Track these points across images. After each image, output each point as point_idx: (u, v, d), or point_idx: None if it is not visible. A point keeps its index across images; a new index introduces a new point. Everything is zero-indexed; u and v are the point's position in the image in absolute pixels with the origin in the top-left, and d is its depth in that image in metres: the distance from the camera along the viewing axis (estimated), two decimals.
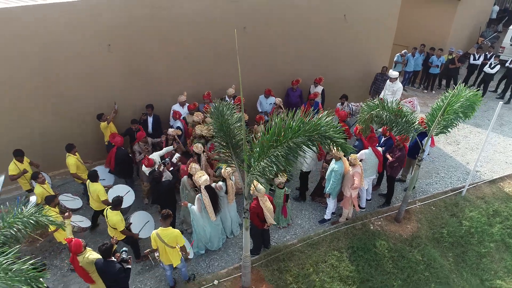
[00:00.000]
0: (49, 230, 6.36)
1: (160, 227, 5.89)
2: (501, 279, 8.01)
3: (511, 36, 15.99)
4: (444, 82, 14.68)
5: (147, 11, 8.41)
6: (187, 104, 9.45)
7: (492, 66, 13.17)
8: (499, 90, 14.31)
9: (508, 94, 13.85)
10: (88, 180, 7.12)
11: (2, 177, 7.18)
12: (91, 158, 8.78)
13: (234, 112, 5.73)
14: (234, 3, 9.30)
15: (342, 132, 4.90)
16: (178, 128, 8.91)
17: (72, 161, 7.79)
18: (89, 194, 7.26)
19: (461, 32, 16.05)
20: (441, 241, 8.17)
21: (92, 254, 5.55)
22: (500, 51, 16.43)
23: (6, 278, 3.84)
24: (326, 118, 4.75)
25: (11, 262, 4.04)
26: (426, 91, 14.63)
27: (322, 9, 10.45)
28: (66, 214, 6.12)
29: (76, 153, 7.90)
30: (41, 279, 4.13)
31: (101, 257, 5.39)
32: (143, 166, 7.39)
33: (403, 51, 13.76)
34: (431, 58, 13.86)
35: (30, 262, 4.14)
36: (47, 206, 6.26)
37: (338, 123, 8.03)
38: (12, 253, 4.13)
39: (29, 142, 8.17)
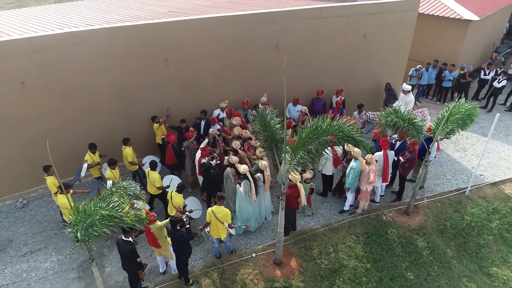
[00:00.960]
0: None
1: (215, 206, 7.47)
2: (497, 267, 9.25)
3: None
4: (456, 95, 15.90)
5: (199, 33, 10.13)
6: (226, 109, 11.10)
7: (499, 81, 14.39)
8: (508, 103, 15.46)
9: None
10: (149, 168, 8.77)
11: (85, 164, 8.93)
12: (143, 152, 10.48)
13: (275, 117, 7.31)
14: (269, 25, 10.95)
15: (361, 133, 6.40)
16: (218, 130, 10.53)
17: (129, 151, 9.51)
18: (148, 180, 8.89)
19: (474, 49, 17.26)
20: (445, 232, 9.49)
21: (160, 223, 7.16)
22: (511, 67, 17.56)
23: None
24: (349, 122, 6.27)
25: None
26: (438, 103, 15.88)
27: (345, 30, 11.99)
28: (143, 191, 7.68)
29: (131, 146, 9.58)
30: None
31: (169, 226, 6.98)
32: (201, 157, 9.04)
33: (417, 66, 15.11)
34: (443, 73, 15.16)
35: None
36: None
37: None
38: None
39: (99, 137, 9.91)
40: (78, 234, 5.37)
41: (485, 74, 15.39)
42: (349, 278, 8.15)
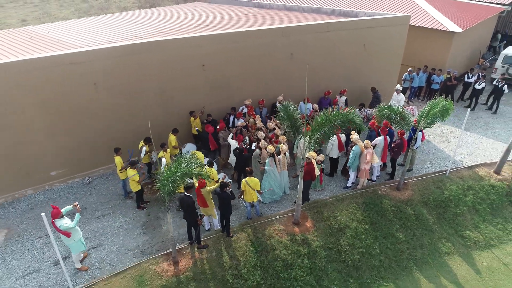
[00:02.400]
0: None
1: (247, 177, 9.84)
2: (470, 231, 11.58)
3: (502, 59, 19.51)
4: (443, 96, 18.24)
5: (228, 45, 12.55)
6: (249, 106, 13.50)
7: (479, 83, 16.78)
8: (489, 103, 17.82)
9: (495, 106, 17.35)
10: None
11: (144, 148, 11.30)
12: (182, 140, 12.83)
13: (296, 110, 9.72)
14: (285, 38, 13.38)
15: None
16: (242, 122, 12.89)
17: (173, 138, 11.92)
18: None
19: (460, 55, 19.66)
20: (428, 203, 11.83)
21: (209, 188, 9.52)
22: (493, 72, 19.96)
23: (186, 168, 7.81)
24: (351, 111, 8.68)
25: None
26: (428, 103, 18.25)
27: (348, 41, 14.43)
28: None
29: (176, 134, 11.97)
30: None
31: (218, 189, 9.35)
32: (231, 140, 11.42)
33: (409, 69, 17.51)
34: (432, 77, 17.56)
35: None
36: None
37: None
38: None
39: (147, 128, 12.28)
40: (166, 188, 7.68)
41: (468, 78, 17.79)
42: (351, 235, 10.50)
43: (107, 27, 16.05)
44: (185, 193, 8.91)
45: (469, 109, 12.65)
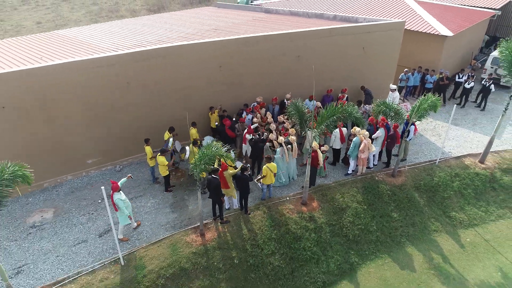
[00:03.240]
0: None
1: (267, 164, 11.42)
2: (456, 212, 13.18)
3: (491, 60, 21.09)
4: (436, 94, 19.83)
5: (243, 48, 14.16)
6: (261, 103, 15.10)
7: (468, 83, 18.38)
8: (478, 101, 19.40)
9: (483, 103, 18.94)
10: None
11: (171, 139, 12.91)
12: (202, 133, 14.40)
13: (304, 106, 11.33)
14: (292, 42, 14.99)
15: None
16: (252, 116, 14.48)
17: (194, 131, 13.47)
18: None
19: (452, 57, 21.24)
20: (419, 188, 13.43)
21: (230, 172, 11.12)
22: (483, 72, 21.55)
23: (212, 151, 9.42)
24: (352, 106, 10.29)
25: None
26: None
27: (349, 44, 16.03)
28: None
29: (196, 127, 13.56)
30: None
31: (239, 173, 10.95)
32: (247, 133, 13.02)
33: (405, 70, 19.12)
34: (426, 77, 19.14)
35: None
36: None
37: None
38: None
39: (171, 122, 13.86)
40: (198, 168, 9.28)
41: (459, 78, 19.39)
42: (352, 214, 12.11)
43: (130, 32, 17.62)
44: (212, 175, 10.51)
45: (456, 105, 14.21)
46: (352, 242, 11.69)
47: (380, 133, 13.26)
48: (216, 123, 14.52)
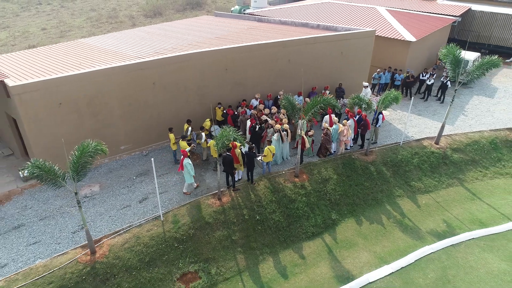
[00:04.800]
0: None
1: (268, 146, 14.77)
2: (415, 182, 16.75)
3: None
4: (404, 90, 23.53)
5: (245, 54, 17.48)
6: (258, 98, 18.44)
7: (429, 80, 22.11)
8: (438, 95, 23.13)
9: (442, 97, 22.69)
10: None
11: (190, 128, 16.12)
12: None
13: (295, 100, 14.73)
14: (284, 48, 18.38)
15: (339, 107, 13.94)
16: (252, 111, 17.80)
17: (208, 122, 16.74)
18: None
19: (418, 58, 24.95)
20: (387, 163, 16.98)
21: (240, 149, 14.41)
22: (444, 71, 25.31)
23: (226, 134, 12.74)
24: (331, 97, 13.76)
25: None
26: None
27: (330, 49, 19.52)
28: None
29: (210, 121, 16.83)
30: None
31: (247, 150, 14.28)
32: (249, 122, 16.34)
33: (377, 70, 22.74)
34: (395, 75, 22.79)
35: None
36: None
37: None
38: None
39: (187, 115, 17.07)
40: (219, 144, 12.54)
41: (423, 76, 23.11)
42: (333, 183, 15.56)
43: (146, 40, 20.70)
44: (227, 153, 13.81)
45: (413, 97, 17.81)
46: (334, 204, 15.14)
47: (350, 122, 16.75)
48: (222, 115, 17.79)
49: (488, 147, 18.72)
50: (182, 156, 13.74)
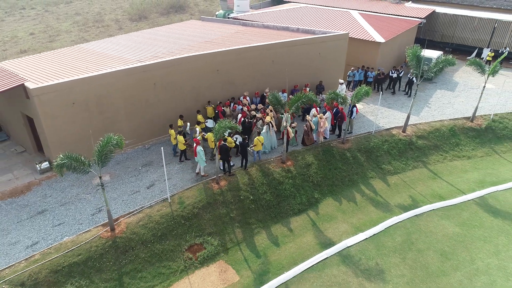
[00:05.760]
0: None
1: (257, 137, 17.00)
2: (385, 165, 19.31)
3: None
4: (375, 86, 26.17)
5: (233, 56, 19.66)
6: (245, 96, 20.64)
7: (397, 75, 24.83)
8: (406, 90, 25.89)
9: (410, 91, 25.45)
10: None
11: (189, 123, 18.16)
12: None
13: (280, 96, 17.01)
14: (268, 51, 20.64)
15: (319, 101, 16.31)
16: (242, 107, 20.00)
17: (200, 116, 18.82)
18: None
19: (388, 57, 27.67)
20: (361, 150, 19.48)
21: (233, 139, 16.58)
22: (410, 71, 28.12)
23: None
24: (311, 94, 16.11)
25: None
26: None
27: (309, 51, 21.90)
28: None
29: (201, 113, 18.92)
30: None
31: (241, 140, 16.47)
32: (240, 116, 18.53)
33: (352, 68, 25.31)
34: (367, 73, 25.40)
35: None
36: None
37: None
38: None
39: (182, 111, 19.07)
40: (218, 135, 14.67)
41: (392, 73, 25.83)
42: (315, 168, 17.92)
43: (142, 45, 22.55)
44: (223, 143, 15.96)
45: (381, 92, 20.35)
46: (316, 185, 17.51)
47: (327, 114, 19.19)
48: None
49: (448, 134, 21.51)
50: (195, 144, 16.00)
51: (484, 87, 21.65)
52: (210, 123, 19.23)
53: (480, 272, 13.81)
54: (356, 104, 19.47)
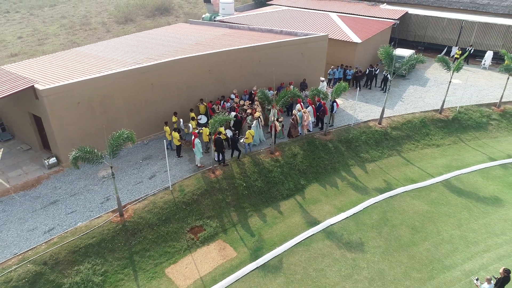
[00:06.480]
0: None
1: (248, 130, 18.78)
2: (363, 153, 21.39)
3: None
4: (353, 83, 28.30)
5: (224, 58, 21.38)
6: (236, 94, 22.39)
7: (373, 73, 27.04)
8: (382, 86, 28.12)
9: (385, 87, 27.68)
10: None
11: (182, 120, 19.77)
12: (196, 114, 21.42)
13: (269, 92, 18.85)
14: (256, 52, 22.45)
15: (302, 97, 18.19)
16: (230, 104, 21.74)
17: (192, 114, 20.51)
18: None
19: (365, 56, 29.84)
20: (341, 141, 21.50)
21: (226, 133, 18.33)
22: (384, 68, 30.41)
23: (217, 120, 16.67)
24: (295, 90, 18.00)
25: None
26: None
27: (293, 51, 23.82)
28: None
29: (193, 111, 20.57)
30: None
31: (231, 135, 18.23)
32: (232, 112, 20.28)
33: (332, 67, 27.38)
34: (346, 71, 27.52)
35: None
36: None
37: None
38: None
39: (176, 108, 20.68)
40: (213, 128, 16.37)
41: (368, 70, 28.02)
42: (300, 157, 19.83)
43: (137, 48, 23.98)
44: (218, 136, 17.67)
45: (359, 89, 22.44)
46: (302, 172, 19.42)
47: (310, 109, 21.17)
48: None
49: (419, 125, 23.78)
50: (193, 137, 17.64)
51: (450, 82, 24.02)
52: (203, 119, 20.88)
53: (445, 242, 15.96)
54: (337, 100, 21.48)
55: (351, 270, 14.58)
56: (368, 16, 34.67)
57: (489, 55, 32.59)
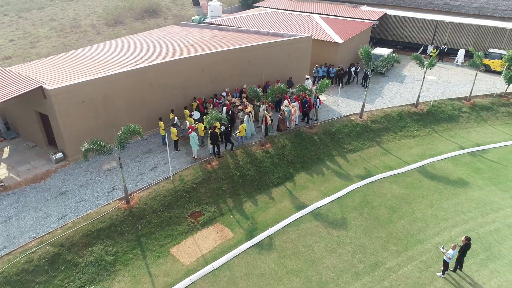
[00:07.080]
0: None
1: (241, 124, 20.47)
2: (346, 144, 23.32)
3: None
4: (337, 80, 30.28)
5: (217, 58, 23.02)
6: (227, 92, 24.05)
7: (355, 71, 29.07)
8: (362, 83, 30.16)
9: (365, 84, 29.71)
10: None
11: (176, 118, 21.33)
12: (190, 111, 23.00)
13: (258, 89, 20.58)
14: (245, 52, 24.15)
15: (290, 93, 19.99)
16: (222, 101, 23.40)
17: (187, 111, 22.09)
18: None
19: (347, 54, 31.85)
20: (326, 133, 23.39)
21: (220, 129, 20.00)
22: (364, 67, 32.49)
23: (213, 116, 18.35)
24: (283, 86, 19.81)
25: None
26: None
27: (280, 52, 25.61)
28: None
29: (187, 109, 22.15)
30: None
31: (224, 128, 19.92)
32: (224, 108, 21.95)
33: (316, 65, 29.29)
34: (329, 69, 29.46)
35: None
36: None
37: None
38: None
39: (173, 105, 22.22)
40: (210, 123, 17.99)
41: (350, 69, 30.04)
42: (289, 148, 21.62)
43: (132, 50, 25.39)
44: (214, 130, 19.31)
45: (341, 86, 24.39)
46: (290, 162, 21.22)
47: (295, 104, 23.03)
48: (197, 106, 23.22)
49: (396, 118, 25.86)
50: (189, 130, 19.21)
51: (424, 78, 26.19)
52: (196, 115, 22.46)
53: (418, 219, 17.98)
54: (320, 96, 23.35)
55: (336, 245, 16.43)
56: (349, 17, 36.74)
57: (461, 53, 35.04)
